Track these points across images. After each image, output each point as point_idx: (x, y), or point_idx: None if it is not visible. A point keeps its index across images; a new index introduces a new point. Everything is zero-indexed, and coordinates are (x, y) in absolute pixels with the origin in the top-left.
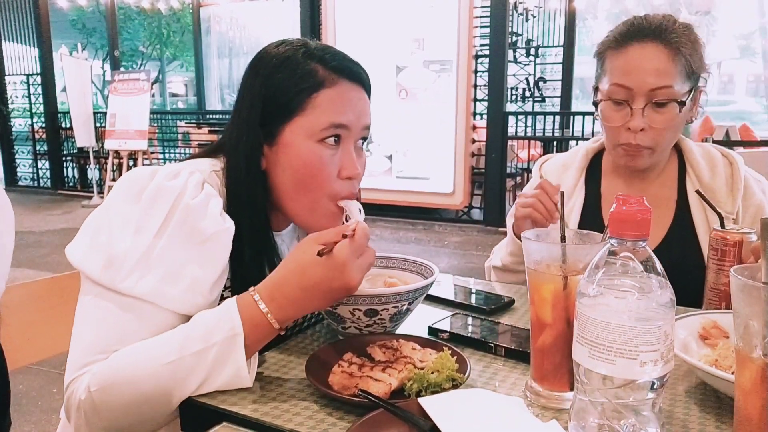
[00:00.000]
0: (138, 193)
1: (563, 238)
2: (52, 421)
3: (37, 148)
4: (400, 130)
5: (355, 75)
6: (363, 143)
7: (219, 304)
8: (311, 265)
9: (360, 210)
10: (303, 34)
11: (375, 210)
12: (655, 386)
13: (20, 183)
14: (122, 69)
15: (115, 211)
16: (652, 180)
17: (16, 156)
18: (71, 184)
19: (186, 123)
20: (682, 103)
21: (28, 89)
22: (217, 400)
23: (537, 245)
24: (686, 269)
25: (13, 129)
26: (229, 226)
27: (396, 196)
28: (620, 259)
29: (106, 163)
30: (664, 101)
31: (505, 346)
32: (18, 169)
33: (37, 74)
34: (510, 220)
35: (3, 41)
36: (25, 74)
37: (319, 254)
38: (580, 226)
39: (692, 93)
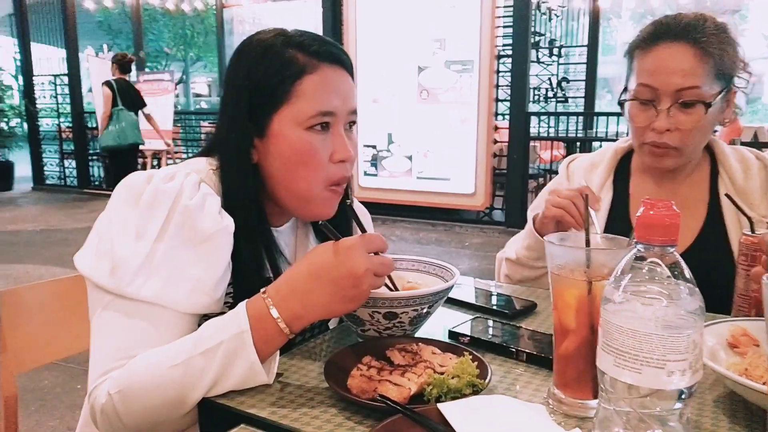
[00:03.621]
0: (136, 197)
1: (588, 242)
2: (75, 417)
3: (64, 147)
4: (421, 130)
5: (335, 57)
6: (351, 127)
7: (224, 301)
8: (319, 252)
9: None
10: (324, 34)
11: (395, 211)
12: (683, 396)
13: (47, 182)
14: (147, 70)
15: (116, 218)
16: (682, 181)
17: (44, 155)
18: (96, 182)
19: (209, 123)
20: (708, 105)
21: (55, 89)
22: (235, 402)
23: (560, 249)
24: (716, 275)
25: (41, 129)
26: (227, 224)
27: (416, 196)
28: (647, 265)
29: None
30: (691, 102)
31: (527, 351)
32: (45, 168)
33: (64, 75)
34: (531, 214)
35: (32, 43)
36: (52, 75)
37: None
38: (607, 226)
39: (723, 94)
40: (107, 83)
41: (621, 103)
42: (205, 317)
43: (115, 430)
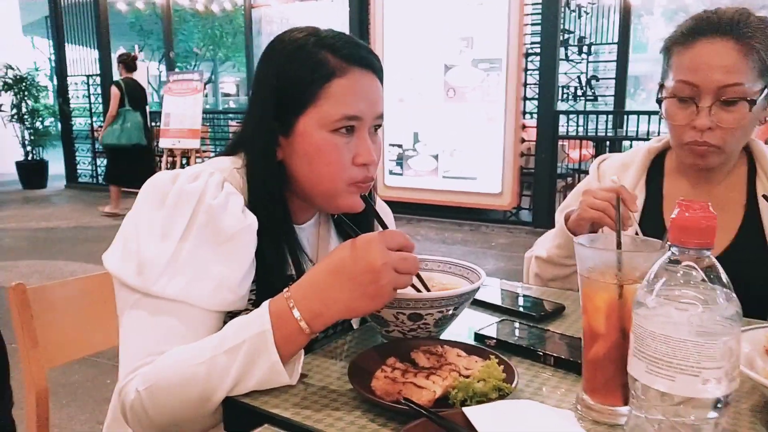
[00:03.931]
0: (162, 198)
1: (619, 244)
2: (105, 411)
3: (96, 145)
4: (448, 129)
5: (366, 62)
6: (376, 131)
7: (248, 298)
8: (339, 249)
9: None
10: (351, 33)
11: (420, 210)
12: (718, 405)
13: (80, 179)
14: (177, 70)
15: (142, 218)
16: (719, 181)
17: (77, 153)
18: None
19: (237, 122)
20: (752, 102)
21: (88, 89)
22: (258, 401)
23: (590, 251)
24: (753, 279)
25: (74, 128)
26: (250, 222)
27: (442, 196)
28: (682, 268)
29: (160, 161)
30: (733, 100)
31: (555, 355)
32: (78, 166)
33: (97, 75)
34: (560, 215)
35: (66, 44)
36: (85, 75)
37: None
38: (639, 228)
39: (766, 91)
40: (116, 83)
41: (659, 101)
42: (230, 315)
43: (143, 426)
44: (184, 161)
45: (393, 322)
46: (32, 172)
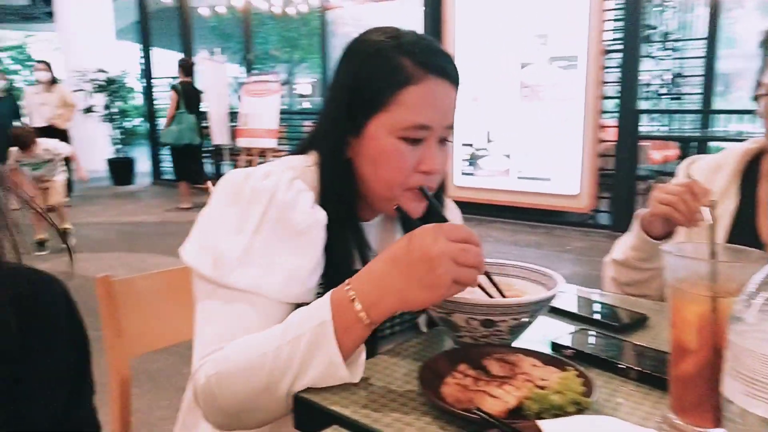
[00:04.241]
0: (236, 195)
1: (713, 254)
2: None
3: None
4: (522, 128)
5: (443, 70)
6: (445, 141)
7: (316, 292)
8: (400, 239)
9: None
10: (425, 32)
11: (492, 211)
12: None
13: (164, 177)
14: (255, 71)
15: (217, 213)
16: None
17: (161, 152)
18: (208, 178)
19: (311, 123)
20: None
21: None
22: (328, 401)
23: (681, 261)
24: None
25: (158, 127)
26: (319, 217)
27: (515, 197)
28: None
29: (238, 160)
30: None
31: (638, 369)
32: (161, 165)
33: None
34: (637, 217)
35: (153, 48)
36: (170, 77)
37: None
38: (732, 235)
39: None
40: (174, 87)
41: (756, 98)
42: (298, 306)
43: (212, 410)
44: (260, 160)
45: (464, 328)
46: (121, 169)
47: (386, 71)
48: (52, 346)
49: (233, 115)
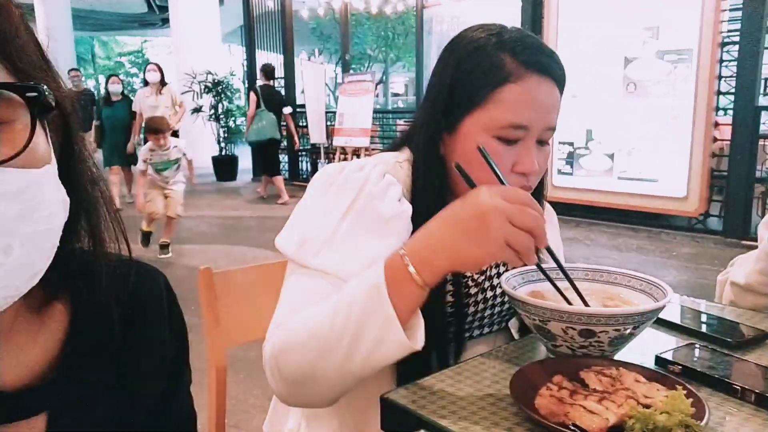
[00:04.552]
0: (328, 185)
1: None
2: None
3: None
4: (626, 126)
5: (546, 69)
6: (543, 145)
7: None
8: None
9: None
10: (523, 28)
11: (591, 213)
12: None
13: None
14: (351, 71)
15: (309, 202)
16: None
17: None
18: (304, 176)
19: (404, 121)
20: None
21: None
22: (416, 405)
23: None
24: None
25: None
26: (405, 209)
27: (616, 198)
28: None
29: (333, 158)
30: None
31: (757, 391)
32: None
33: (281, 78)
34: (765, 230)
35: (256, 50)
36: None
37: None
38: None
39: None
40: (254, 89)
41: None
42: None
43: (276, 380)
44: (354, 159)
45: (561, 337)
46: (225, 166)
47: (485, 68)
48: (152, 338)
49: (330, 115)
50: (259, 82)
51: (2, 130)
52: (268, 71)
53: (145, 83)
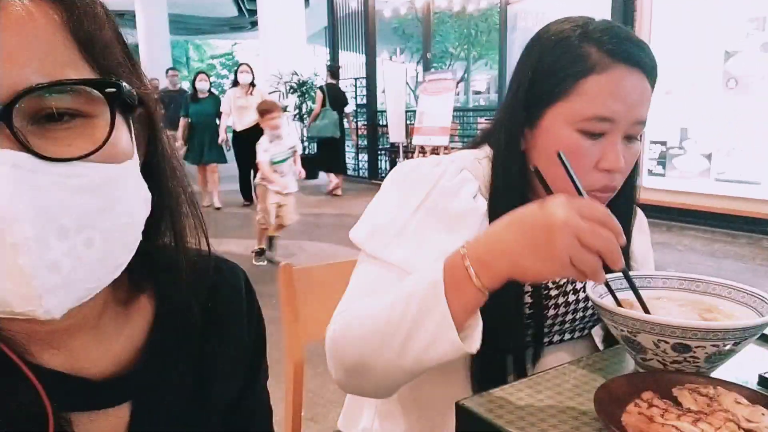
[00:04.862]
0: (403, 180)
1: None
2: None
3: (359, 142)
4: (725, 125)
5: (634, 59)
6: (632, 140)
7: None
8: (528, 204)
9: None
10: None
11: (684, 216)
12: None
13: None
14: (432, 70)
15: (384, 195)
16: None
17: (343, 149)
18: (383, 175)
19: (485, 119)
20: None
21: (355, 91)
22: (492, 414)
23: None
24: None
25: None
26: (479, 206)
27: (713, 201)
28: None
29: (412, 157)
30: None
31: None
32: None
33: (363, 78)
34: None
35: (340, 50)
36: (353, 78)
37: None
38: None
39: None
40: (320, 88)
41: None
42: None
43: (335, 364)
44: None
45: (652, 350)
46: (308, 165)
47: (569, 60)
48: (231, 332)
49: (410, 114)
50: (326, 81)
51: (84, 125)
52: (334, 71)
53: (235, 83)
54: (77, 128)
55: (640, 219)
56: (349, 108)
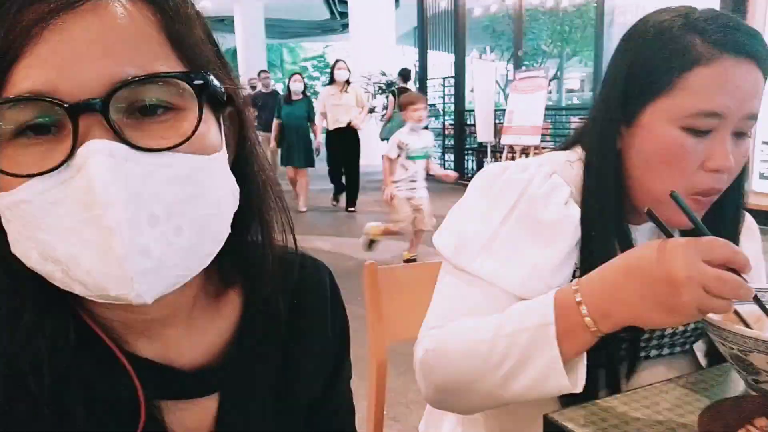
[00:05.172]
0: (489, 186)
1: None
2: None
3: (446, 142)
4: None
5: (744, 49)
6: (742, 137)
7: None
8: (643, 246)
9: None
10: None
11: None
12: None
13: (430, 173)
14: (524, 67)
15: (469, 202)
16: None
17: None
18: (469, 175)
19: (579, 119)
20: None
21: (443, 91)
22: (582, 429)
23: None
24: None
25: (429, 126)
26: (572, 213)
27: None
28: None
29: (500, 157)
30: None
31: None
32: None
33: (451, 77)
34: None
35: (428, 50)
36: (441, 77)
37: None
38: None
39: None
40: (392, 91)
41: None
42: None
43: (426, 385)
44: (522, 158)
45: (766, 372)
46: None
47: (670, 52)
48: (315, 329)
49: (498, 113)
50: (397, 85)
51: (175, 118)
52: (405, 75)
53: (330, 81)
54: (168, 121)
55: (749, 225)
56: None
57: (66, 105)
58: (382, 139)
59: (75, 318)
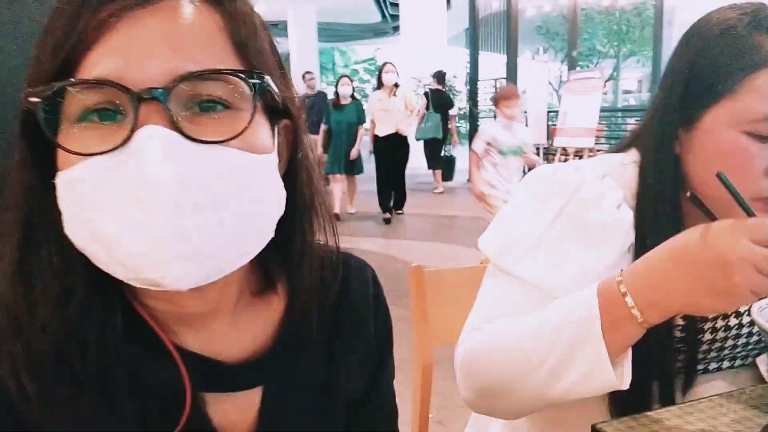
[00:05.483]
0: (539, 187)
1: None
2: None
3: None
4: None
5: None
6: None
7: None
8: (688, 231)
9: None
10: None
11: None
12: None
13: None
14: (578, 68)
15: (517, 204)
16: None
17: None
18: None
19: (635, 120)
20: None
21: (495, 91)
22: None
23: None
24: None
25: (479, 128)
26: (624, 216)
27: None
28: None
29: (552, 159)
30: None
31: None
32: None
33: (502, 78)
34: None
35: (480, 51)
36: (492, 78)
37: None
38: None
39: None
40: (425, 93)
41: None
42: None
43: (467, 385)
44: (576, 160)
45: None
46: (443, 167)
47: (735, 52)
48: (358, 329)
49: (551, 114)
50: (430, 87)
51: (230, 116)
52: (440, 77)
53: (379, 85)
54: (223, 119)
55: None
56: (454, 110)
57: (130, 91)
58: (417, 140)
59: (125, 306)
